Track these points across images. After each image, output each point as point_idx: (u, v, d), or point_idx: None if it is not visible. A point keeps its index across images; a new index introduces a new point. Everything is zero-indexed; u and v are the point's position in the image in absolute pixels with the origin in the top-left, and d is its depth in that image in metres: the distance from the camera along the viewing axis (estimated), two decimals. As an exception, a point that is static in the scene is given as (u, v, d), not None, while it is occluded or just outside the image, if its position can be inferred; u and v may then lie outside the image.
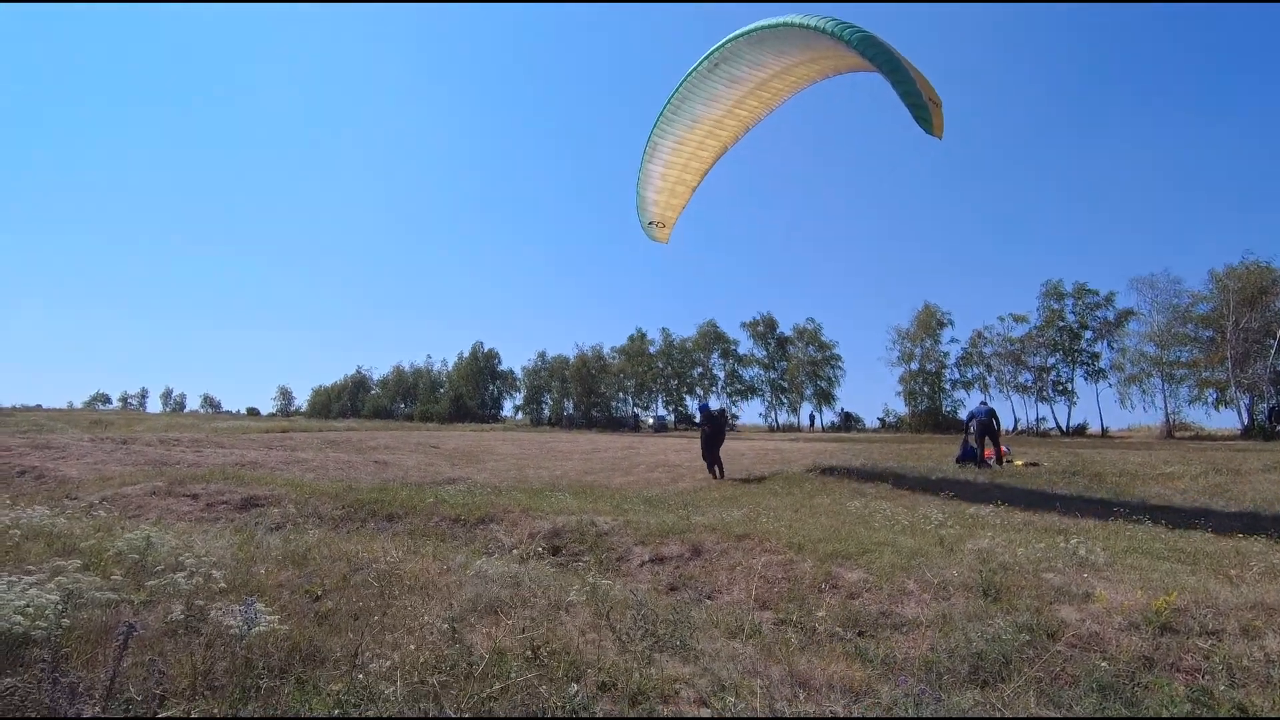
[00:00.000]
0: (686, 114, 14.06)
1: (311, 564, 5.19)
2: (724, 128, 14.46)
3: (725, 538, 7.26)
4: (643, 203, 16.33)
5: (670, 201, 16.06)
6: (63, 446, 16.78)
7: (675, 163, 15.13)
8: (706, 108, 13.90)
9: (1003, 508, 10.36)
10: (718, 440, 15.83)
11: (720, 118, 14.15)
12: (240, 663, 3.28)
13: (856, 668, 3.99)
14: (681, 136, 14.52)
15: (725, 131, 14.57)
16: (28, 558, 4.84)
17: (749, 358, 61.98)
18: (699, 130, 14.39)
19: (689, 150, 14.86)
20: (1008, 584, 5.54)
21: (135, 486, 10.14)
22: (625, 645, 3.79)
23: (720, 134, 14.61)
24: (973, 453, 16.25)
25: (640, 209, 16.54)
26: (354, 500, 9.35)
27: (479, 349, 74.06)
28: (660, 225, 16.56)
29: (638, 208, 16.52)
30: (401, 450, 21.49)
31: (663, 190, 15.79)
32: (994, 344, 49.58)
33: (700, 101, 13.81)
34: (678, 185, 15.71)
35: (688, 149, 14.83)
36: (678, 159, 15.04)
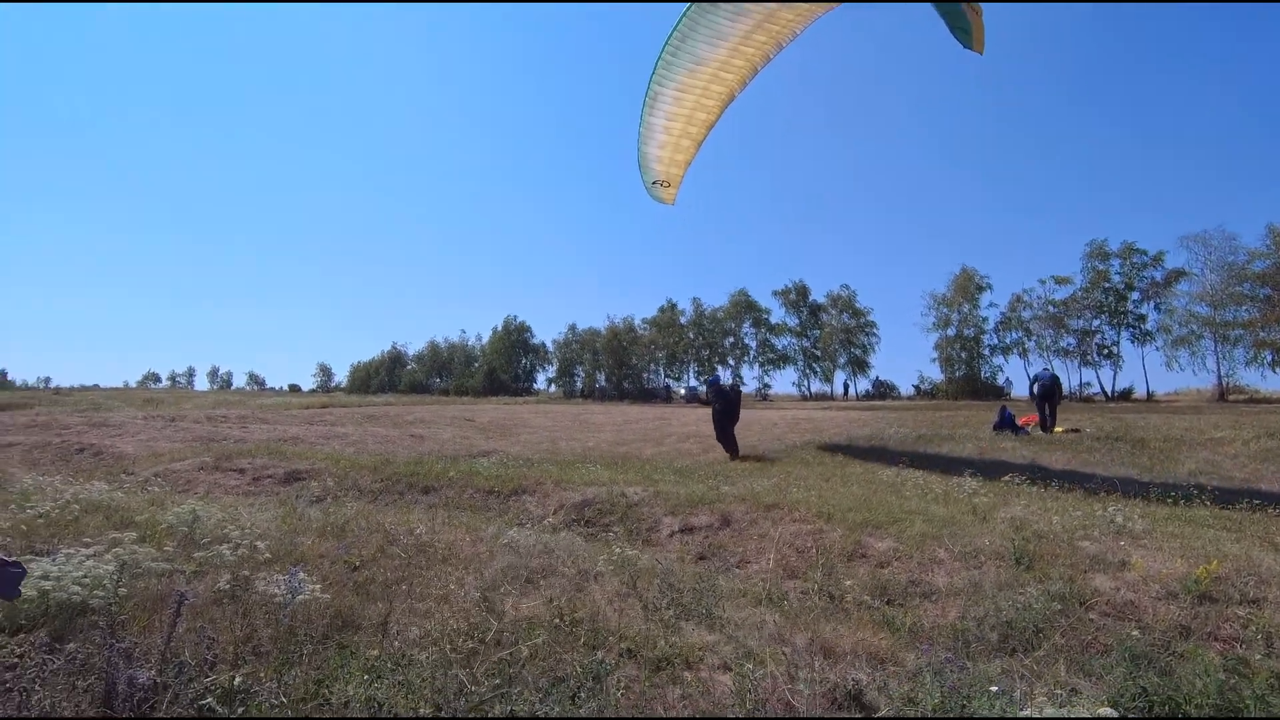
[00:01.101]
0: (687, 55, 12.52)
1: (350, 535, 5.37)
2: (730, 69, 12.81)
3: (754, 507, 7.29)
4: (644, 160, 14.86)
5: (675, 158, 14.55)
6: (118, 424, 17.53)
7: (678, 114, 13.57)
8: (710, 47, 12.38)
9: (1039, 475, 10.19)
10: (730, 417, 14.65)
11: (726, 58, 12.56)
12: (284, 629, 3.43)
13: (883, 636, 4.01)
14: (683, 83, 12.99)
15: (731, 74, 12.94)
16: (86, 530, 5.10)
17: (781, 326, 61.43)
18: (702, 75, 12.85)
19: (692, 99, 13.30)
20: (1041, 552, 5.48)
21: (185, 462, 10.56)
22: (651, 613, 3.86)
23: (726, 77, 12.99)
24: (1011, 419, 15.95)
25: (642, 167, 15.08)
26: (391, 473, 9.61)
27: (511, 323, 74.77)
28: (665, 184, 15.11)
29: (639, 165, 15.11)
30: (437, 424, 21.94)
31: (666, 145, 14.27)
32: (1034, 308, 48.29)
33: (702, 40, 12.27)
34: (682, 139, 14.16)
35: (691, 97, 13.27)
36: (681, 109, 13.49)
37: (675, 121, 13.71)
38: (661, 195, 15.40)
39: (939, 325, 51.47)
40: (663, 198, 15.47)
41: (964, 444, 14.13)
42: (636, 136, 14.37)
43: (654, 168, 14.75)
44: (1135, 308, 44.91)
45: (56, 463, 12.24)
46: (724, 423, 14.46)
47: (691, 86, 13.04)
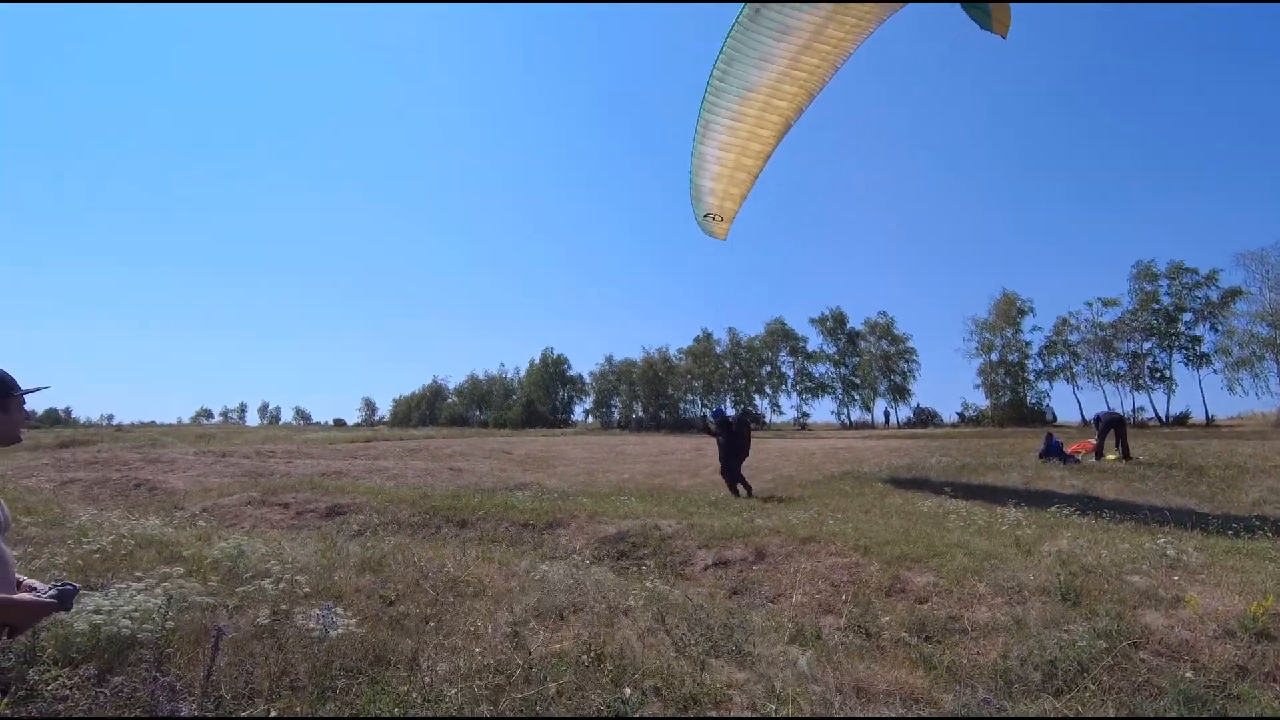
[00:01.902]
0: (736, 81, 11.87)
1: (386, 570, 5.47)
2: (782, 95, 11.98)
3: (789, 540, 7.19)
4: (697, 192, 14.05)
5: (729, 190, 13.68)
6: (171, 460, 18.17)
7: (732, 144, 12.78)
8: (758, 71, 11.68)
9: (1088, 505, 9.82)
10: (736, 452, 13.26)
11: (776, 82, 11.77)
12: (320, 664, 3.51)
13: (920, 675, 3.91)
14: (736, 110, 12.29)
15: (784, 100, 12.10)
16: (139, 565, 5.30)
17: (819, 354, 60.85)
18: (754, 101, 12.10)
19: (747, 127, 12.47)
20: (1089, 587, 5.28)
21: (232, 497, 10.89)
22: (680, 650, 3.83)
23: (779, 104, 12.14)
24: (1058, 447, 15.44)
25: (694, 199, 14.27)
26: (429, 507, 9.75)
27: (549, 355, 75.62)
28: (718, 219, 14.28)
29: (691, 198, 14.27)
30: (475, 457, 22.19)
31: (720, 177, 13.44)
32: (1081, 330, 46.91)
33: (750, 64, 11.59)
34: (737, 171, 13.26)
35: (745, 125, 12.45)
36: (734, 139, 12.69)
37: (729, 152, 12.98)
38: (713, 230, 14.64)
39: (981, 350, 50.37)
40: (714, 232, 14.70)
41: (1008, 473, 13.71)
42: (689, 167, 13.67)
43: (707, 200, 14.05)
44: (1188, 329, 43.27)
45: (114, 498, 12.72)
46: (728, 458, 13.20)
47: (744, 115, 12.36)
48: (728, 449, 13.18)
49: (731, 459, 13.11)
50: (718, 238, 14.87)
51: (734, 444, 13.18)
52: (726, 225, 14.51)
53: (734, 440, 13.21)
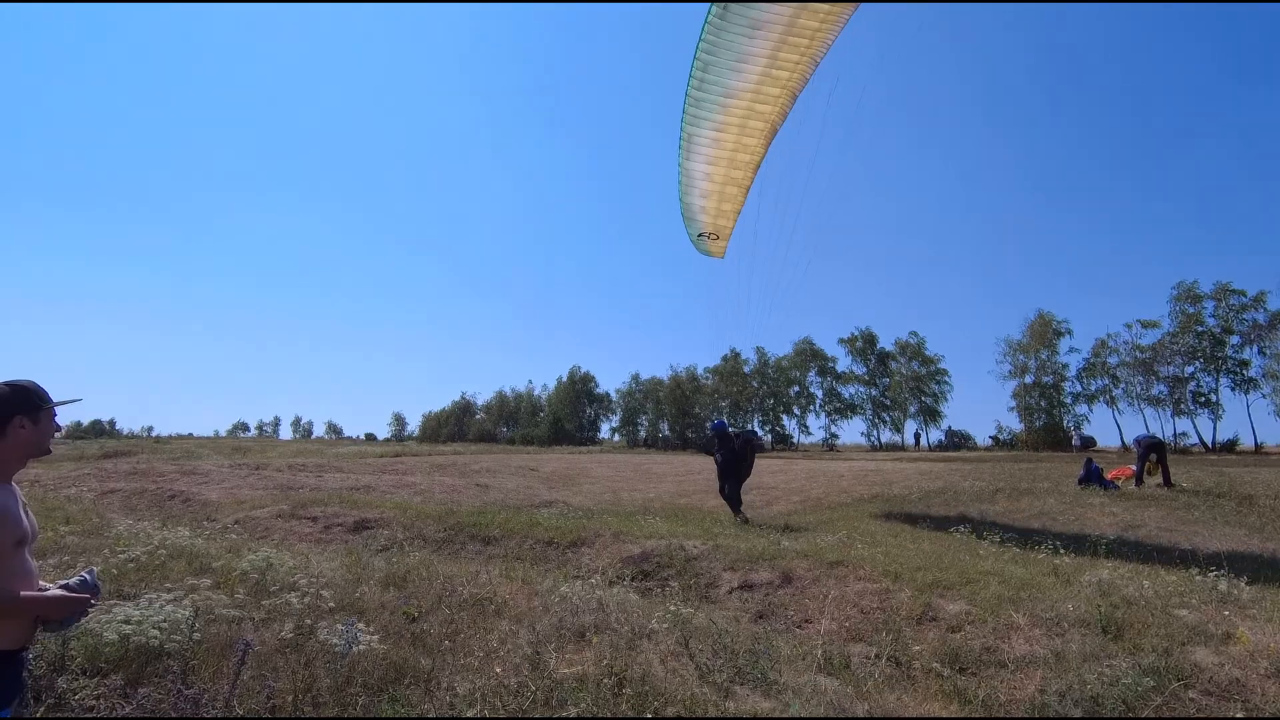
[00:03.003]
0: (714, 88, 11.11)
1: (410, 586, 5.47)
2: (764, 99, 11.15)
3: (817, 564, 7.05)
4: (689, 211, 13.30)
5: (721, 207, 12.92)
6: (206, 473, 18.54)
7: (719, 157, 12.01)
8: (736, 76, 10.88)
9: (1129, 534, 9.47)
10: (734, 471, 12.15)
11: (756, 85, 10.97)
12: (342, 680, 3.50)
13: (954, 708, 3.78)
14: (718, 121, 11.49)
15: (767, 104, 11.24)
16: (170, 575, 5.37)
17: (848, 374, 60.13)
18: (736, 108, 11.31)
19: (731, 137, 11.72)
20: (1132, 620, 5.06)
21: (263, 510, 11.05)
22: (705, 676, 3.75)
23: (762, 108, 11.29)
24: (1098, 473, 14.95)
25: (687, 219, 13.52)
26: (455, 523, 9.78)
27: (576, 373, 75.91)
28: (713, 237, 13.51)
29: (684, 218, 13.56)
30: (502, 473, 22.26)
31: (710, 194, 12.70)
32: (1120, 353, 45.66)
33: (726, 69, 10.81)
34: (727, 186, 12.50)
35: (730, 136, 11.69)
36: (721, 151, 11.94)
37: (717, 166, 12.24)
38: (709, 249, 13.86)
39: (1016, 373, 49.27)
40: (711, 251, 13.92)
41: (1045, 499, 13.30)
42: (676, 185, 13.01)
43: (700, 219, 13.34)
44: (1236, 352, 41.83)
45: (151, 509, 13.00)
46: (726, 476, 12.20)
47: (727, 125, 11.62)
48: (725, 467, 12.22)
49: (729, 477, 12.16)
50: (715, 257, 14.11)
51: (732, 461, 12.16)
52: (723, 243, 13.80)
53: (734, 457, 12.19)
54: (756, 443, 12.91)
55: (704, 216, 13.23)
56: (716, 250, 13.90)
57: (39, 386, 2.18)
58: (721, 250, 13.92)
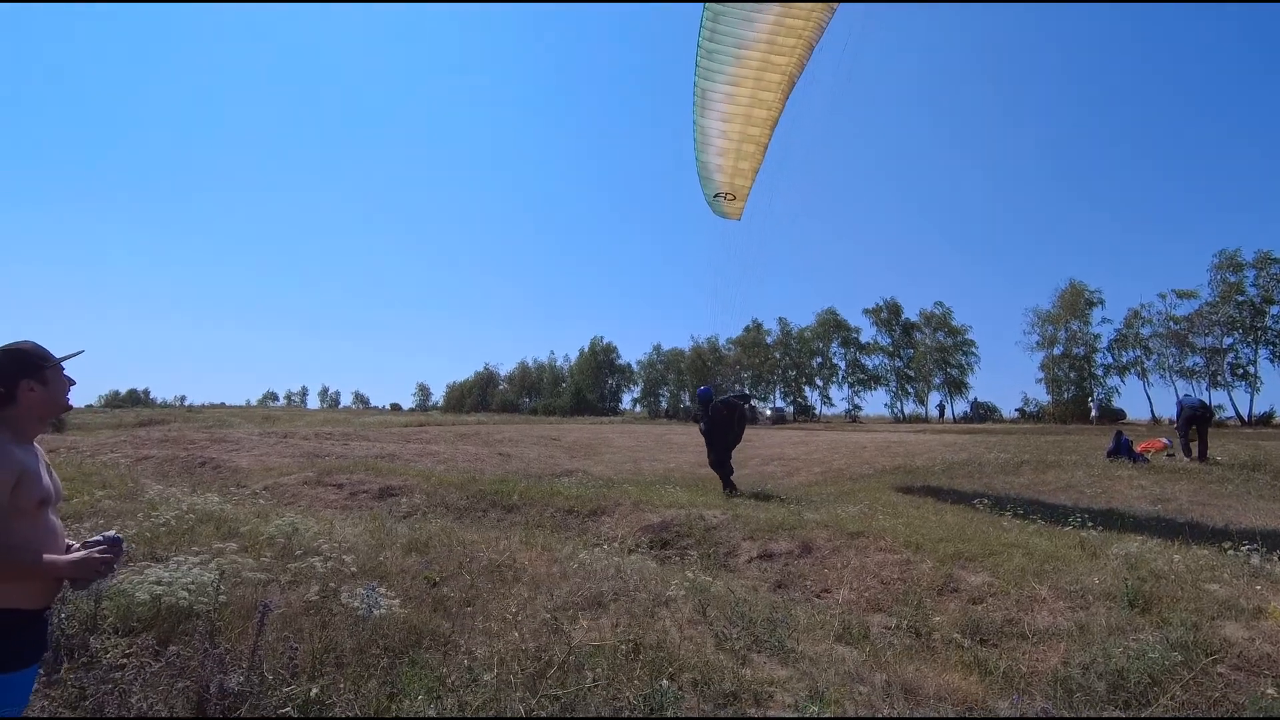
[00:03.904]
0: (726, 39, 10.60)
1: (432, 551, 5.54)
2: (779, 49, 10.59)
3: (837, 535, 7.02)
4: (704, 170, 12.73)
5: (738, 165, 12.35)
6: (236, 440, 18.96)
7: (734, 113, 11.51)
8: (747, 27, 10.38)
9: (1159, 507, 9.30)
10: (719, 439, 11.53)
11: (769, 35, 10.43)
12: (364, 642, 3.57)
13: (974, 680, 3.74)
14: (732, 75, 10.98)
15: (783, 55, 10.67)
16: (198, 539, 5.50)
17: (872, 345, 59.45)
18: (750, 60, 10.76)
19: (746, 92, 11.18)
20: (1160, 594, 4.97)
21: (291, 476, 11.28)
22: (722, 644, 3.75)
23: (778, 59, 10.71)
24: (1128, 445, 14.66)
25: (703, 179, 12.94)
26: (477, 491, 9.90)
27: (598, 343, 75.98)
28: (730, 197, 12.89)
29: (699, 177, 12.97)
30: (524, 443, 22.47)
31: (726, 152, 12.16)
32: (1154, 324, 44.48)
33: (738, 18, 10.32)
34: (744, 143, 11.94)
35: (744, 90, 11.16)
36: (736, 107, 11.41)
37: (732, 123, 11.69)
38: (725, 210, 13.29)
39: (1044, 344, 48.29)
40: (727, 212, 13.35)
41: (1072, 471, 13.09)
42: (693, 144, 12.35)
43: (716, 178, 12.75)
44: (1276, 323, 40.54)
45: (182, 475, 13.34)
46: (713, 445, 11.57)
47: (742, 78, 11.02)
48: (710, 435, 11.60)
49: (716, 447, 11.55)
50: (732, 218, 13.49)
51: (716, 429, 11.52)
52: (741, 204, 13.14)
53: (718, 425, 11.52)
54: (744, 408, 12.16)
55: (720, 176, 12.67)
56: (733, 211, 13.30)
57: (38, 346, 2.18)
58: (739, 211, 13.31)
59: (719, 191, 12.87)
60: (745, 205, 13.03)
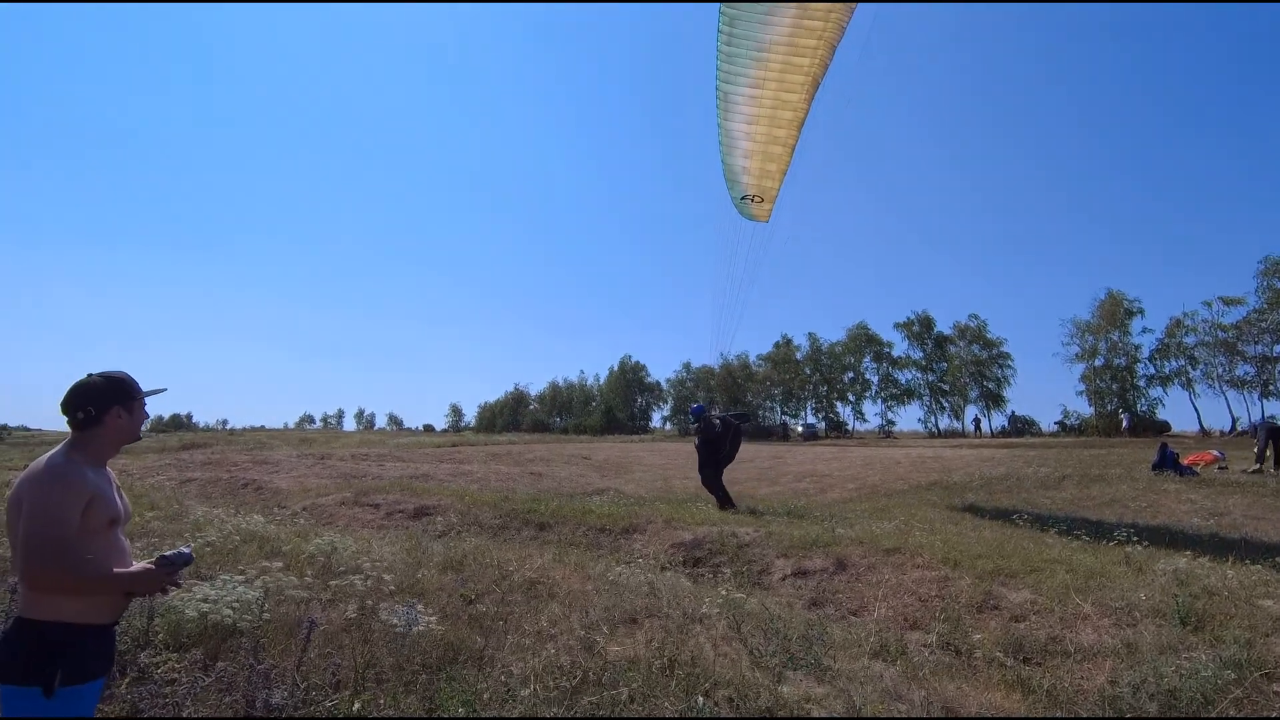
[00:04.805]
0: (745, 43, 10.56)
1: (467, 569, 5.61)
2: (800, 50, 10.49)
3: (873, 551, 6.92)
4: (730, 173, 12.69)
5: (765, 168, 12.25)
6: (275, 462, 19.40)
7: (759, 115, 11.43)
8: (764, 29, 10.33)
9: (1211, 521, 8.98)
10: (713, 455, 11.53)
11: (788, 37, 10.37)
12: (403, 658, 3.63)
13: (1016, 698, 3.66)
14: (754, 77, 10.91)
15: (804, 56, 10.56)
16: (242, 558, 5.65)
17: (904, 359, 58.58)
18: (772, 62, 10.68)
19: (770, 93, 11.07)
20: (1212, 611, 4.81)
21: (329, 497, 11.50)
22: (757, 660, 3.73)
23: (799, 60, 10.61)
24: (1173, 458, 14.21)
25: (729, 181, 12.90)
26: (510, 510, 9.97)
27: (627, 362, 76.15)
28: (758, 199, 12.76)
29: (726, 179, 12.94)
30: (556, 462, 22.58)
31: (753, 154, 12.08)
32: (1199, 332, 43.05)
33: (753, 23, 10.28)
34: (770, 145, 11.86)
35: (768, 92, 11.05)
36: (760, 109, 11.33)
37: (757, 125, 11.60)
38: (753, 212, 13.12)
39: (1084, 355, 47.04)
40: (754, 214, 13.18)
41: (1116, 485, 12.72)
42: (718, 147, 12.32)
43: (743, 181, 12.65)
44: (1333, 330, 38.95)
45: (225, 496, 13.68)
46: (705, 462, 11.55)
47: (765, 80, 10.93)
48: (702, 448, 11.66)
49: (708, 465, 11.51)
50: (759, 220, 13.29)
51: (709, 445, 11.55)
52: (769, 206, 12.96)
53: (712, 442, 11.55)
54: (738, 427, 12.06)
55: (746, 178, 12.57)
56: (761, 214, 13.10)
57: (130, 377, 2.31)
58: (766, 214, 13.10)
59: (746, 194, 12.78)
60: (772, 208, 12.89)
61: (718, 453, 11.58)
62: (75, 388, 2.21)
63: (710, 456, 11.54)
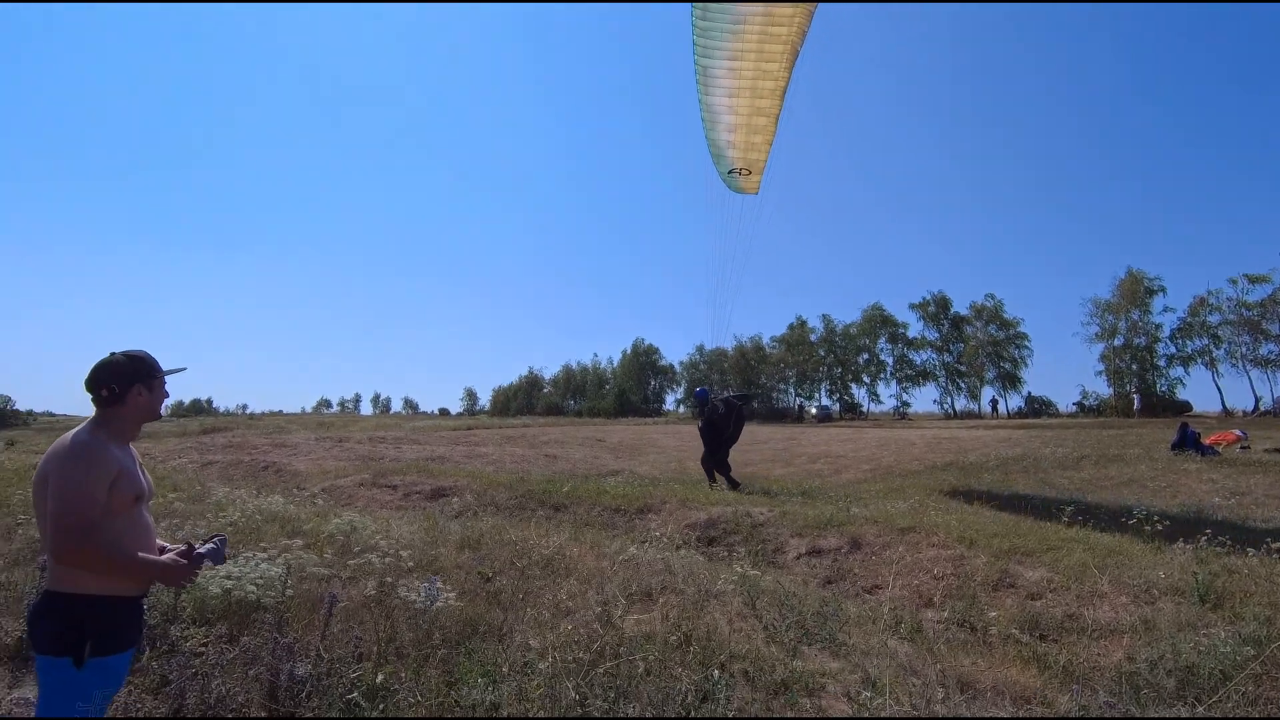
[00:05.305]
0: (722, 15, 10.32)
1: (484, 548, 5.68)
2: (777, 20, 10.28)
3: (887, 530, 6.92)
4: (716, 148, 12.47)
5: (750, 140, 12.05)
6: (295, 445, 19.67)
7: (740, 87, 11.22)
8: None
9: (1232, 500, 8.88)
10: (715, 437, 11.74)
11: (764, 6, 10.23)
12: (422, 633, 3.69)
13: (1032, 674, 3.66)
14: (732, 50, 10.66)
15: (781, 25, 10.33)
16: (264, 537, 5.75)
17: (920, 340, 58.17)
18: (749, 33, 10.41)
19: (749, 64, 10.83)
20: (1232, 589, 4.78)
21: (347, 479, 11.66)
22: (772, 636, 3.76)
23: (777, 30, 10.38)
24: (1194, 438, 14.04)
25: (715, 157, 12.67)
26: (525, 491, 10.06)
27: (640, 345, 76.22)
28: (745, 173, 12.61)
29: (711, 155, 12.71)
30: (570, 444, 22.71)
31: (737, 128, 11.88)
32: (1223, 311, 42.32)
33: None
34: (754, 117, 11.65)
35: (747, 63, 10.81)
36: (741, 81, 11.12)
37: (739, 98, 11.36)
38: (741, 185, 12.96)
39: (1104, 335, 46.44)
40: (744, 188, 13.03)
41: (1135, 465, 12.60)
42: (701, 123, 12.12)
43: (729, 155, 12.50)
44: (1359, 308, 38.19)
45: (246, 478, 13.91)
46: (707, 444, 11.80)
47: (743, 52, 10.68)
48: (704, 431, 11.91)
49: (709, 446, 11.77)
50: (749, 193, 13.18)
51: (712, 427, 11.77)
52: (757, 178, 12.82)
53: (714, 424, 11.77)
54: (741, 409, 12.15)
55: (732, 152, 12.43)
56: (750, 186, 12.99)
57: (151, 356, 2.34)
58: (755, 186, 12.96)
59: (733, 168, 12.68)
60: (760, 179, 12.77)
61: (721, 434, 11.75)
62: (99, 366, 2.23)
63: (714, 439, 11.72)
